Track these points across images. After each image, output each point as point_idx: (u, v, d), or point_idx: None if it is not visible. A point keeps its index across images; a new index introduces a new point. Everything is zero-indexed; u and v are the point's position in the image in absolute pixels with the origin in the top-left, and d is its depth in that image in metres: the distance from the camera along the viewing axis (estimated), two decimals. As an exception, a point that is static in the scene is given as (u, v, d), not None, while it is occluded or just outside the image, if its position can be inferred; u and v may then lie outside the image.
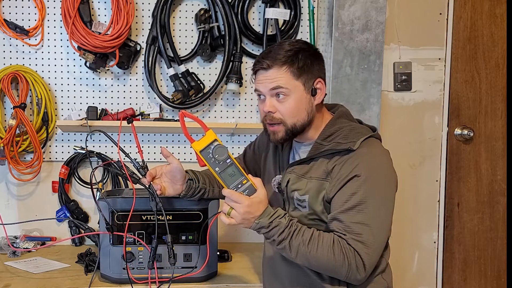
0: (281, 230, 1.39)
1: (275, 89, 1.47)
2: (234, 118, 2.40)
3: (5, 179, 2.30)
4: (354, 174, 1.41)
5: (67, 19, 2.15)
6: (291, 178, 1.53)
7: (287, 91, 1.47)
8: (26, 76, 2.20)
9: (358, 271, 1.38)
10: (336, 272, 1.41)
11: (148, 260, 1.69)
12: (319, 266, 1.41)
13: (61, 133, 2.31)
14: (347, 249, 1.37)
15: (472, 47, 2.53)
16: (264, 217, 1.40)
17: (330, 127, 1.53)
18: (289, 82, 1.46)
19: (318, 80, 1.51)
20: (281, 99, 1.48)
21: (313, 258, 1.39)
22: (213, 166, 1.41)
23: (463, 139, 2.55)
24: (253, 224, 1.40)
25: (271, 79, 1.47)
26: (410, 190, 2.52)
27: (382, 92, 2.37)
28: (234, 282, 1.82)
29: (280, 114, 1.49)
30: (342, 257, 1.37)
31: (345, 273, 1.39)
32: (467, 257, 2.59)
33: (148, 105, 2.31)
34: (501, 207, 2.60)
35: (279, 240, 1.40)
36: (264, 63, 1.48)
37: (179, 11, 2.34)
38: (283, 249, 1.41)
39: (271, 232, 1.40)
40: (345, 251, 1.37)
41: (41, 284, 1.77)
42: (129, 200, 1.75)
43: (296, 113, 1.49)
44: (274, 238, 1.40)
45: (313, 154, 1.51)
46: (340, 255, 1.37)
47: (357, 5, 2.24)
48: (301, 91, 1.48)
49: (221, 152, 1.41)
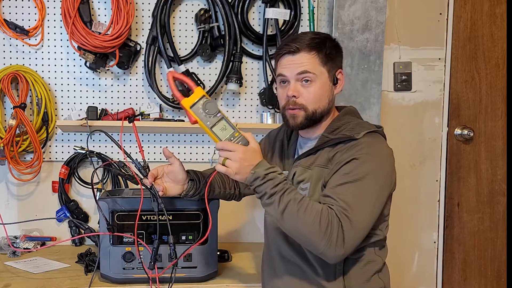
0: (276, 183, 1.36)
1: (302, 73, 1.48)
2: (234, 118, 2.40)
3: (5, 179, 2.30)
4: (353, 157, 1.41)
5: (67, 19, 2.15)
6: (298, 170, 1.54)
7: (314, 77, 1.48)
8: (26, 76, 2.20)
9: (337, 245, 1.33)
10: (315, 241, 1.34)
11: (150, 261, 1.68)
12: (302, 229, 1.35)
13: (61, 133, 2.32)
14: (334, 218, 1.34)
15: (472, 47, 2.53)
16: (260, 168, 1.38)
17: (337, 121, 1.55)
18: (316, 68, 1.48)
19: (340, 70, 1.55)
20: (306, 84, 1.49)
21: (299, 219, 1.34)
22: (204, 121, 1.40)
23: (463, 139, 2.55)
24: (248, 175, 1.37)
25: (299, 63, 1.48)
26: (410, 190, 2.52)
27: (382, 92, 2.37)
28: (234, 282, 1.82)
29: (303, 99, 1.49)
30: (326, 225, 1.32)
31: (324, 244, 1.33)
32: (467, 257, 2.59)
33: (148, 105, 2.31)
34: (501, 207, 2.60)
35: (270, 193, 1.36)
36: (292, 46, 1.48)
37: (179, 11, 2.34)
38: (271, 204, 1.36)
39: (265, 185, 1.36)
40: (331, 219, 1.33)
41: (41, 284, 1.77)
42: (129, 200, 1.75)
43: (319, 99, 1.50)
44: (266, 191, 1.36)
45: (319, 145, 1.52)
46: (325, 222, 1.33)
47: (357, 5, 2.25)
48: (325, 78, 1.50)
49: (211, 106, 1.41)
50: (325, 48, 1.49)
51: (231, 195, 1.81)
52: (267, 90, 2.31)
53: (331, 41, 1.53)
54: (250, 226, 2.44)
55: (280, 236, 1.55)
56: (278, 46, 1.54)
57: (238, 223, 2.44)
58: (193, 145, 2.38)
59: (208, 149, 2.39)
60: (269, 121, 2.33)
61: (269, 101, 2.31)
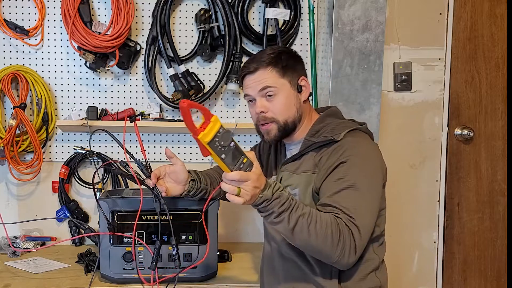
0: (283, 202, 1.35)
1: (264, 89, 1.54)
2: (234, 118, 2.40)
3: (5, 179, 2.30)
4: (340, 161, 1.45)
5: (67, 19, 2.15)
6: (284, 175, 1.58)
7: (275, 90, 1.54)
8: (26, 76, 2.20)
9: (350, 253, 1.36)
10: (328, 252, 1.36)
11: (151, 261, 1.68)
12: (314, 243, 1.36)
13: (61, 133, 2.32)
14: (344, 227, 1.35)
15: (472, 47, 2.53)
16: (267, 190, 1.35)
17: (318, 123, 1.59)
18: (275, 81, 1.54)
19: (302, 78, 1.59)
20: (270, 99, 1.54)
21: (311, 234, 1.34)
22: (219, 154, 1.29)
23: (463, 139, 2.55)
24: (257, 199, 1.35)
25: (258, 81, 1.54)
26: (410, 190, 2.52)
27: (382, 92, 2.37)
28: (234, 282, 1.82)
29: (272, 113, 1.55)
30: (338, 236, 1.34)
31: (338, 254, 1.35)
32: (467, 257, 2.59)
33: (148, 105, 2.31)
34: (501, 207, 2.60)
35: (279, 212, 1.35)
36: (250, 67, 1.56)
37: (179, 11, 2.34)
38: (281, 222, 1.35)
39: (272, 204, 1.35)
40: (341, 229, 1.35)
41: (41, 284, 1.77)
42: (129, 200, 1.75)
43: (286, 110, 1.55)
44: (273, 210, 1.35)
45: (303, 150, 1.56)
46: (337, 233, 1.34)
47: (357, 5, 2.24)
48: (288, 88, 1.55)
49: (226, 137, 1.30)
50: (280, 61, 1.55)
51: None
52: (267, 90, 2.31)
53: (285, 53, 1.59)
54: (250, 226, 2.44)
55: (279, 235, 1.56)
56: (241, 68, 1.61)
57: (238, 223, 2.44)
58: (193, 145, 2.38)
59: (208, 149, 2.39)
60: (269, 121, 2.33)
61: (269, 101, 2.31)
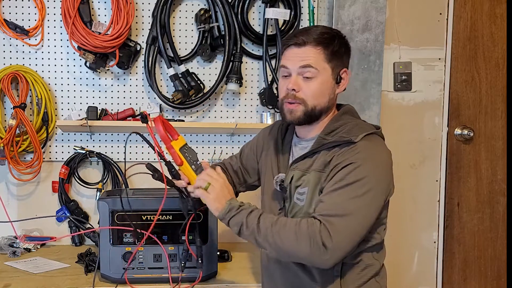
0: (249, 211, 1.42)
1: (304, 67, 1.46)
2: (234, 118, 2.40)
3: (5, 179, 2.30)
4: (350, 162, 1.40)
5: (67, 19, 2.15)
6: (295, 174, 1.51)
7: (316, 72, 1.45)
8: (26, 76, 2.20)
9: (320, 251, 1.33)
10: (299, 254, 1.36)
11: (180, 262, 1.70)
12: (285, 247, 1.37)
13: (61, 133, 2.32)
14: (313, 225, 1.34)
15: (472, 47, 2.53)
16: (234, 200, 1.45)
17: (334, 122, 1.52)
18: (319, 64, 1.46)
19: (345, 70, 1.52)
20: (307, 79, 1.46)
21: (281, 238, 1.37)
22: (190, 165, 1.50)
23: (463, 139, 2.55)
24: (224, 205, 1.44)
25: (303, 56, 1.46)
26: (410, 190, 2.52)
27: (382, 92, 2.37)
28: (234, 282, 1.82)
29: (303, 93, 1.47)
30: (305, 234, 1.34)
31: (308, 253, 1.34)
32: (467, 257, 2.59)
33: (148, 105, 2.32)
34: (501, 207, 2.60)
35: (247, 222, 1.40)
36: (299, 39, 1.46)
37: (179, 11, 2.34)
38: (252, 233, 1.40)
39: (241, 214, 1.42)
40: (309, 227, 1.34)
41: (41, 284, 1.77)
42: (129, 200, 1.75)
43: (318, 96, 1.47)
44: (242, 220, 1.41)
45: (315, 148, 1.49)
46: (305, 232, 1.34)
47: (357, 5, 2.25)
48: (328, 75, 1.48)
49: (193, 153, 1.53)
50: (332, 45, 1.47)
51: None
52: (267, 90, 2.31)
53: (340, 38, 1.50)
54: (250, 226, 2.44)
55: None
56: (286, 37, 1.53)
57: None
58: (193, 145, 2.38)
59: (208, 149, 2.39)
60: (269, 121, 2.33)
61: (269, 101, 2.31)
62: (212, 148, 2.39)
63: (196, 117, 2.38)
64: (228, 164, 1.83)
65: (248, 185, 1.81)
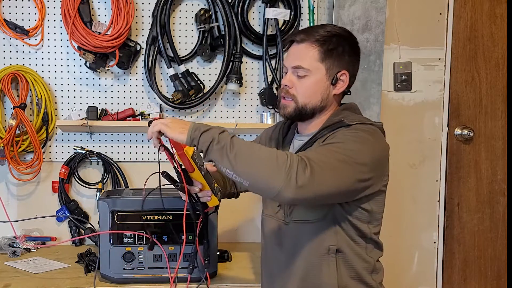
0: (222, 130, 1.34)
1: (296, 68, 1.48)
2: (234, 118, 2.40)
3: (5, 179, 2.30)
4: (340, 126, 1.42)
5: (67, 19, 2.15)
6: None
7: (308, 72, 1.47)
8: (26, 76, 2.20)
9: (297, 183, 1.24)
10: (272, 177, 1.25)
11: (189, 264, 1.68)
12: (258, 167, 1.28)
13: (61, 133, 2.32)
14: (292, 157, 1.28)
15: (472, 47, 2.53)
16: (198, 123, 1.36)
17: (334, 116, 1.52)
18: (311, 64, 1.47)
19: (344, 72, 1.50)
20: (301, 77, 1.48)
21: (254, 157, 1.29)
22: (200, 171, 1.48)
23: (463, 139, 2.55)
24: (189, 128, 1.34)
25: (297, 56, 1.49)
26: (410, 190, 2.52)
27: (382, 92, 2.37)
28: (234, 282, 1.82)
29: (295, 90, 1.49)
30: (284, 160, 1.26)
31: (283, 180, 1.24)
32: (467, 257, 2.59)
33: (148, 105, 2.31)
34: (501, 207, 2.60)
35: (219, 138, 1.31)
36: (297, 37, 1.49)
37: (179, 11, 2.34)
38: (221, 148, 1.30)
39: (211, 131, 1.32)
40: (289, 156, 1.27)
41: (41, 284, 1.77)
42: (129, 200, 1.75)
43: (310, 95, 1.49)
44: (214, 136, 1.31)
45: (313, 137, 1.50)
46: (283, 158, 1.27)
47: (357, 5, 2.25)
48: (321, 75, 1.48)
49: (200, 159, 1.48)
50: (328, 43, 1.46)
51: (231, 194, 1.82)
52: (267, 90, 2.31)
53: (342, 38, 1.49)
54: (250, 226, 2.44)
55: (277, 240, 1.55)
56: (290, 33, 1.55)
57: (238, 223, 2.44)
58: (193, 145, 2.38)
59: (208, 149, 2.39)
60: (269, 121, 2.33)
61: (269, 101, 2.31)
62: (212, 148, 2.38)
63: (196, 117, 2.38)
64: None
65: None
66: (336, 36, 1.48)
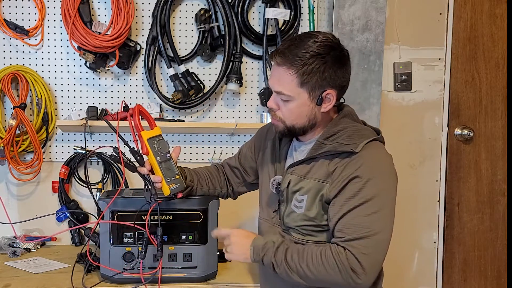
0: (275, 248, 1.43)
1: (278, 93, 1.45)
2: (234, 118, 2.40)
3: (5, 179, 2.30)
4: (356, 175, 1.38)
5: (67, 19, 2.15)
6: (292, 179, 1.50)
7: (289, 97, 1.43)
8: (26, 76, 2.20)
9: (355, 273, 1.34)
10: (334, 280, 1.38)
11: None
12: (320, 278, 1.39)
13: (61, 133, 2.32)
14: (338, 252, 1.36)
15: (472, 47, 2.53)
16: (255, 242, 1.47)
17: (333, 126, 1.49)
18: (292, 89, 1.42)
19: (329, 91, 1.42)
20: (284, 101, 1.45)
21: (313, 271, 1.38)
22: (155, 155, 1.57)
23: (463, 139, 2.55)
24: (249, 251, 1.46)
25: (277, 80, 1.44)
26: (410, 190, 2.52)
27: (382, 92, 2.37)
28: (234, 282, 1.82)
29: (281, 113, 1.47)
30: (333, 260, 1.36)
31: (342, 279, 1.36)
32: (467, 257, 2.59)
33: (148, 105, 2.31)
34: (501, 207, 2.60)
35: (276, 262, 1.42)
36: (277, 58, 1.43)
37: (179, 11, 2.34)
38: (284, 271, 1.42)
39: (268, 255, 1.43)
40: (335, 254, 1.36)
41: (41, 284, 1.77)
42: (130, 200, 1.75)
43: (295, 117, 1.46)
44: (271, 261, 1.43)
45: (313, 154, 1.48)
46: (331, 258, 1.36)
47: (357, 5, 2.25)
48: (304, 99, 1.43)
49: (164, 146, 1.60)
50: (307, 66, 1.39)
51: (224, 194, 1.83)
52: (267, 90, 2.31)
53: (321, 58, 1.39)
54: (250, 226, 2.44)
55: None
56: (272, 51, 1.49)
57: (238, 223, 2.44)
58: (193, 145, 2.38)
59: (208, 149, 2.39)
60: (269, 121, 2.33)
61: (269, 101, 2.31)
62: (212, 148, 2.39)
63: (196, 117, 2.38)
64: (226, 164, 1.84)
65: (248, 184, 1.81)
66: (315, 56, 1.39)
